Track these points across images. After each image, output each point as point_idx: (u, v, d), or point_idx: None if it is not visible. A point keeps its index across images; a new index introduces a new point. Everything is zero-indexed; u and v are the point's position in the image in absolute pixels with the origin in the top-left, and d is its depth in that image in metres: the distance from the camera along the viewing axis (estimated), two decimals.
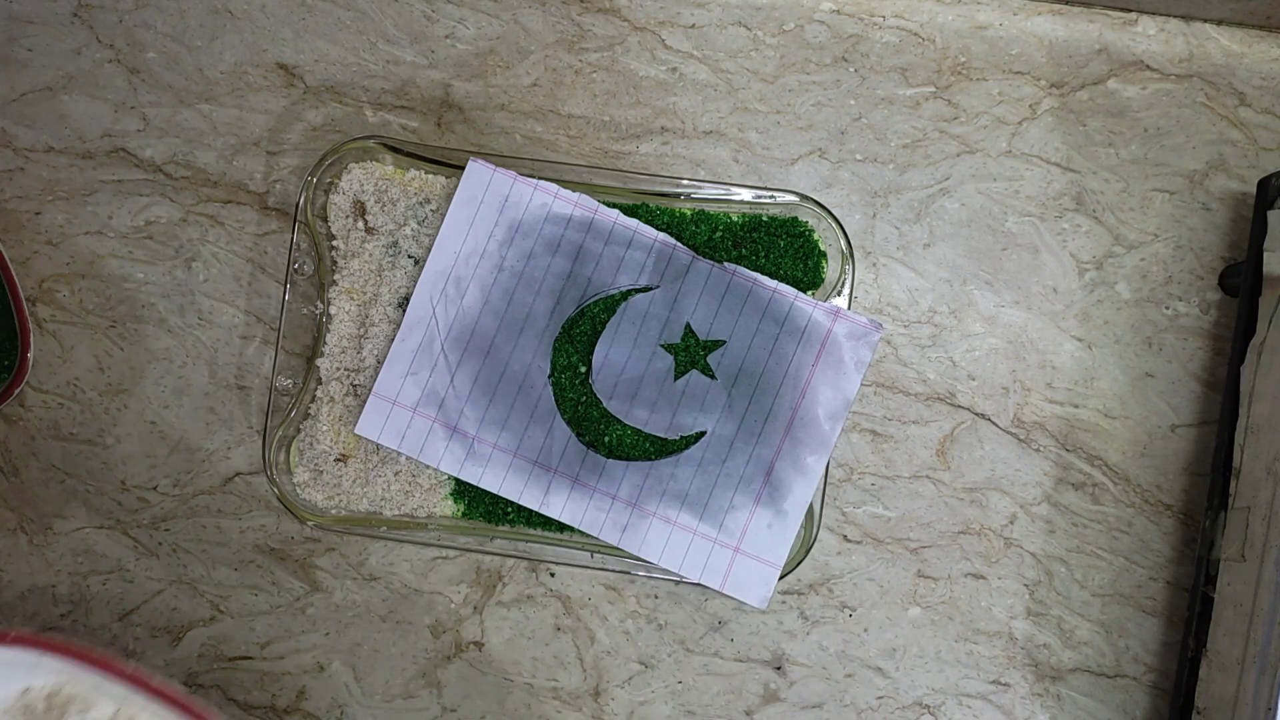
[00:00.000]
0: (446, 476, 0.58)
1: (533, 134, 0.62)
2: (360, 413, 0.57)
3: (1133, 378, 0.61)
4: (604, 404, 0.57)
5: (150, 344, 0.62)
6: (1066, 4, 0.62)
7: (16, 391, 0.61)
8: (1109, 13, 0.62)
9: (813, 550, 0.59)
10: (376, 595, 0.61)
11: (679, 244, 0.57)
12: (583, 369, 0.57)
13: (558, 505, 0.57)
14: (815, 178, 0.62)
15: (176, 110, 0.62)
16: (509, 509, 0.58)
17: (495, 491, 0.57)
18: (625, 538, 0.57)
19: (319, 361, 0.58)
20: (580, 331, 0.57)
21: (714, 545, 0.57)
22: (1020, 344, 0.61)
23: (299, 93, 0.62)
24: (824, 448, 0.57)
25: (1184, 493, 0.61)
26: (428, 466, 0.58)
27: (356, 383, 0.58)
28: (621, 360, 0.57)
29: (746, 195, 0.58)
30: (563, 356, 0.58)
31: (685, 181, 0.58)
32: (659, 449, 0.57)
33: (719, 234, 0.58)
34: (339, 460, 0.58)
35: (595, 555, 0.57)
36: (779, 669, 0.61)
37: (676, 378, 0.57)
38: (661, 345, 0.57)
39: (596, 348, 0.57)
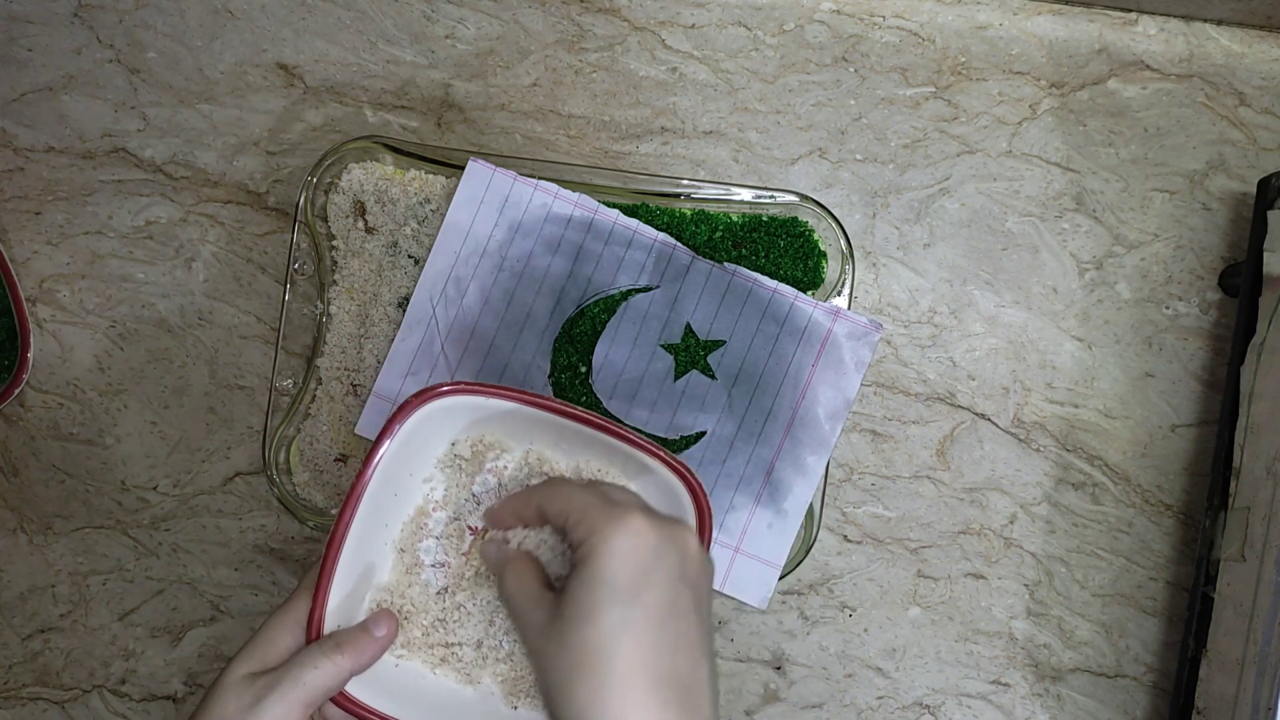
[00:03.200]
0: None
1: (533, 134, 0.62)
2: (360, 413, 0.57)
3: (1133, 378, 0.61)
4: (604, 404, 0.57)
5: (150, 344, 0.62)
6: (1066, 4, 0.62)
7: (16, 391, 0.61)
8: (1109, 13, 0.62)
9: (813, 550, 0.59)
10: None
11: (679, 244, 0.57)
12: (583, 369, 0.57)
13: None
14: (815, 178, 0.62)
15: (176, 110, 0.62)
16: None
17: None
18: None
19: (319, 361, 0.58)
20: (580, 331, 0.57)
21: (714, 545, 0.57)
22: (1020, 344, 0.61)
23: (299, 93, 0.62)
24: (824, 448, 0.57)
25: (1184, 493, 0.61)
26: None
27: (356, 383, 0.58)
28: (621, 360, 0.57)
29: (746, 195, 0.57)
30: (563, 356, 0.58)
31: (685, 181, 0.58)
32: None
33: (719, 234, 0.58)
34: (339, 460, 0.58)
35: None
36: (779, 669, 0.61)
37: (676, 378, 0.57)
38: (661, 345, 0.57)
39: (596, 348, 0.57)
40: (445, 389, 0.45)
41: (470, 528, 0.48)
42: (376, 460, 0.44)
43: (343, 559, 0.44)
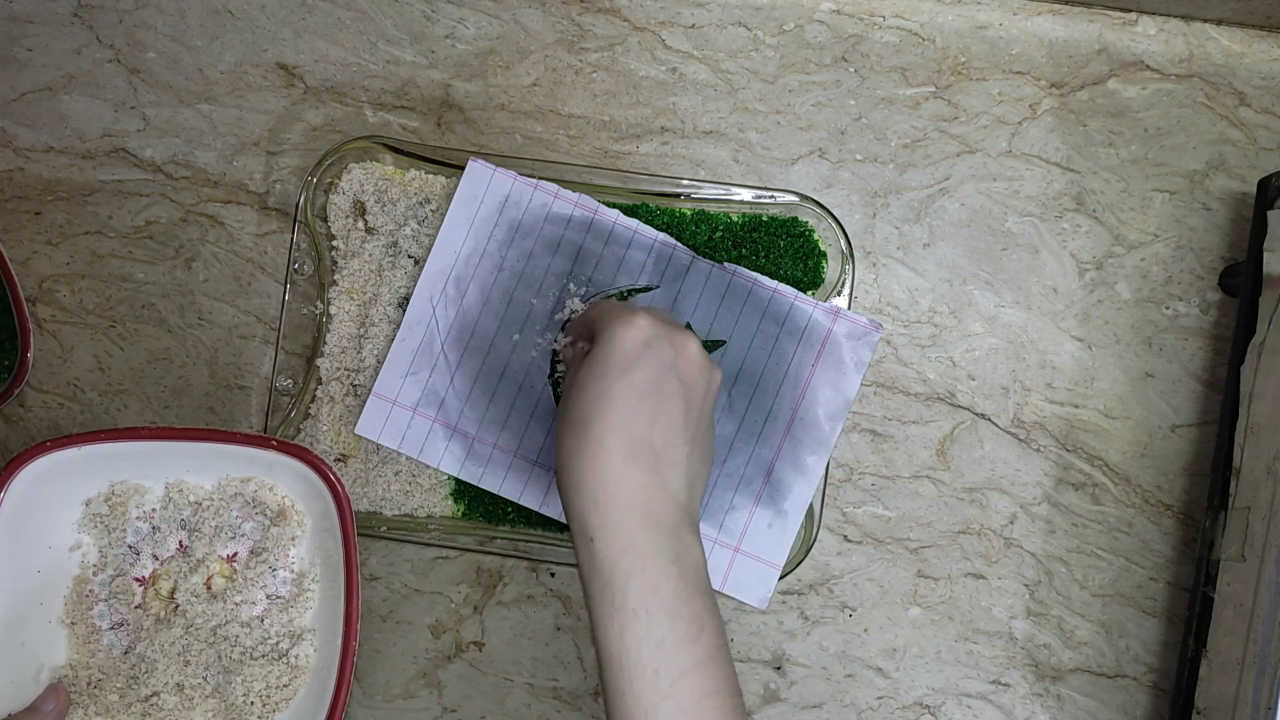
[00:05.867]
0: (446, 476, 0.58)
1: (533, 134, 0.62)
2: (360, 413, 0.57)
3: (1133, 378, 0.61)
4: None
5: (150, 344, 0.62)
6: (1066, 4, 0.62)
7: (16, 391, 0.61)
8: (1109, 13, 0.62)
9: (813, 550, 0.59)
10: (377, 595, 0.61)
11: (679, 244, 0.57)
12: None
13: (558, 505, 0.57)
14: (815, 178, 0.62)
15: (176, 110, 0.62)
16: (509, 509, 0.58)
17: (495, 491, 0.57)
18: None
19: (319, 361, 0.59)
20: None
21: (714, 545, 0.57)
22: (1020, 344, 0.61)
23: (299, 93, 0.62)
24: (824, 448, 0.57)
25: (1184, 493, 0.61)
26: (428, 466, 0.58)
27: (356, 383, 0.58)
28: None
29: (746, 195, 0.58)
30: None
31: (685, 181, 0.58)
32: None
33: (719, 234, 0.58)
34: (339, 460, 0.58)
35: None
36: (779, 669, 0.61)
37: None
38: None
39: None
40: (33, 451, 0.44)
41: (137, 579, 0.48)
42: None
43: None
